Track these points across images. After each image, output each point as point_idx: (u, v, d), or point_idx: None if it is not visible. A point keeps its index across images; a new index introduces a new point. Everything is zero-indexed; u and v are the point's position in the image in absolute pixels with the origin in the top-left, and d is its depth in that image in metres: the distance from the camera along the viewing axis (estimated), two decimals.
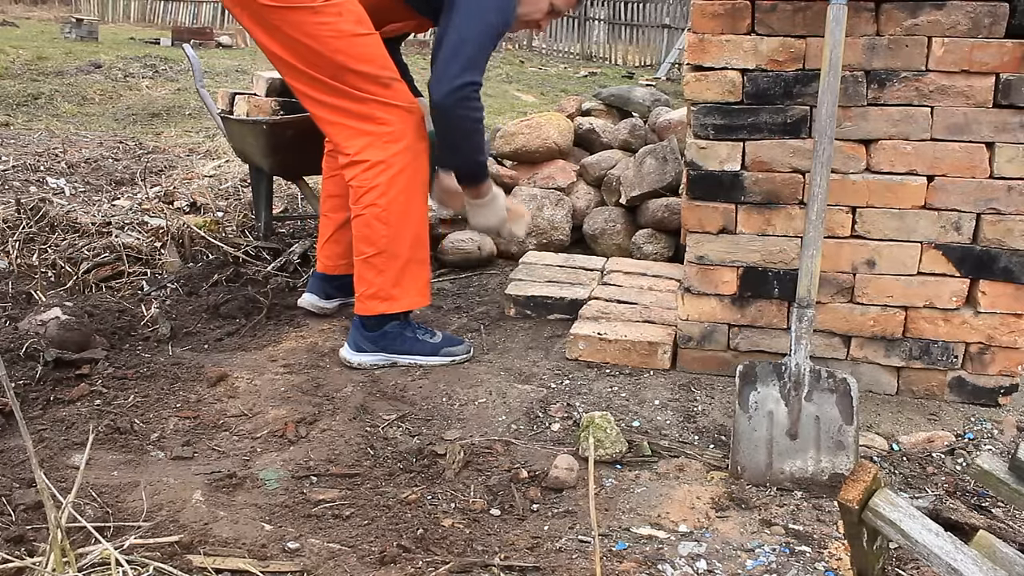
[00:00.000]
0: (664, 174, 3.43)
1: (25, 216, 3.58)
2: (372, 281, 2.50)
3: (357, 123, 2.42)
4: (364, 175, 2.43)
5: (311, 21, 2.34)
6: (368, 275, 2.50)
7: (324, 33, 2.34)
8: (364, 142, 2.42)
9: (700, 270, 2.45)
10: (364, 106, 2.40)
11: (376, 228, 2.45)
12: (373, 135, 2.41)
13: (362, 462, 2.05)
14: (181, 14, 19.38)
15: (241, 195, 4.44)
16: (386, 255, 2.47)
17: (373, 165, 2.42)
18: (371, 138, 2.41)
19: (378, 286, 2.50)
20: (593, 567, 1.64)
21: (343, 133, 2.44)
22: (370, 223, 2.45)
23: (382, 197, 2.43)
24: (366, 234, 2.47)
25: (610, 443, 2.07)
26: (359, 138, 2.42)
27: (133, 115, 7.54)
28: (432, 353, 2.56)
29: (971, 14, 2.16)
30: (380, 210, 2.43)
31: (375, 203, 2.43)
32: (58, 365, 2.41)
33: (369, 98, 2.40)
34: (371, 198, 2.43)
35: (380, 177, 2.42)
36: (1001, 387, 2.37)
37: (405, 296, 2.53)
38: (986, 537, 1.42)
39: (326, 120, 2.46)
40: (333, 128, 2.46)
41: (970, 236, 2.28)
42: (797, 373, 2.05)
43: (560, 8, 2.60)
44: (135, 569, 1.54)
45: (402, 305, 2.53)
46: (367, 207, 2.44)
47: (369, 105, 2.40)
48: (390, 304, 2.51)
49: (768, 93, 2.29)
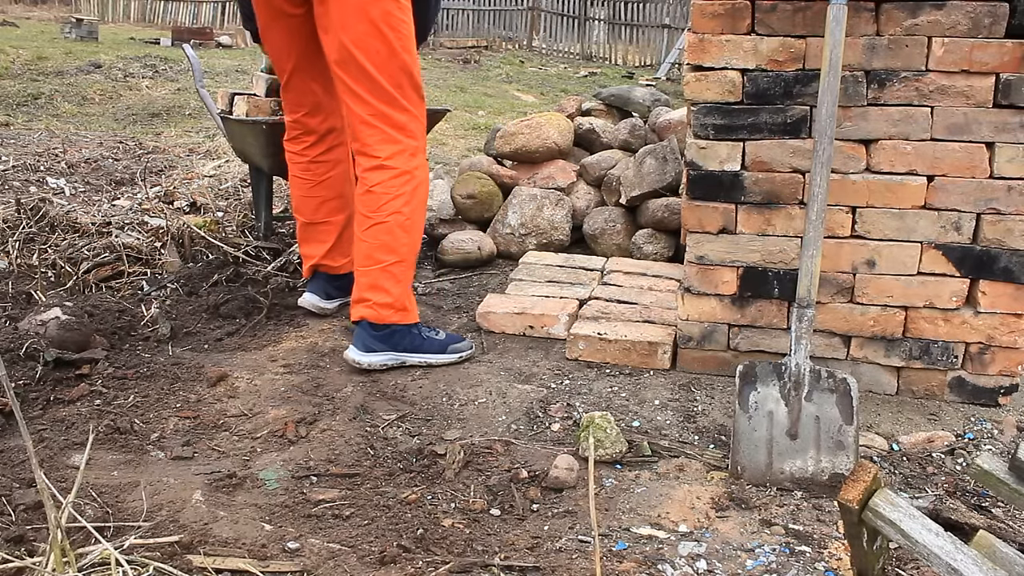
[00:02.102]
0: (664, 174, 3.43)
1: (25, 216, 3.58)
2: (390, 291, 2.51)
3: (392, 131, 2.46)
4: (392, 182, 2.46)
5: (395, 15, 2.40)
6: (387, 284, 2.50)
7: (401, 29, 2.42)
8: (395, 149, 2.46)
9: (700, 270, 2.45)
10: (402, 116, 2.47)
11: (399, 236, 2.48)
12: (403, 145, 2.48)
13: (362, 462, 2.05)
14: (181, 14, 19.38)
15: (241, 195, 4.44)
16: (405, 264, 2.51)
17: (401, 174, 2.46)
18: (401, 147, 2.47)
19: (395, 296, 2.51)
20: (593, 567, 1.64)
21: (377, 136, 2.47)
22: (393, 231, 2.47)
23: (407, 206, 2.47)
24: (387, 242, 2.48)
25: (610, 443, 2.07)
26: (391, 144, 2.46)
27: (133, 115, 7.55)
28: (441, 351, 2.57)
29: (971, 14, 2.16)
30: (405, 218, 2.47)
31: (400, 211, 2.47)
32: (58, 365, 2.41)
33: (408, 109, 2.48)
34: (397, 205, 2.46)
35: (407, 186, 2.47)
36: (1001, 387, 2.37)
37: (412, 310, 2.58)
38: (986, 537, 1.42)
39: (364, 120, 2.47)
40: (369, 130, 2.47)
41: (970, 236, 2.28)
42: (797, 373, 2.05)
43: None
44: (135, 569, 1.54)
45: (412, 317, 2.57)
46: (392, 214, 2.47)
47: (407, 115, 2.48)
48: (403, 316, 2.54)
49: (768, 93, 2.29)
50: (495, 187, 3.80)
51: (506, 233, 3.64)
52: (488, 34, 17.20)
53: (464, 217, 3.81)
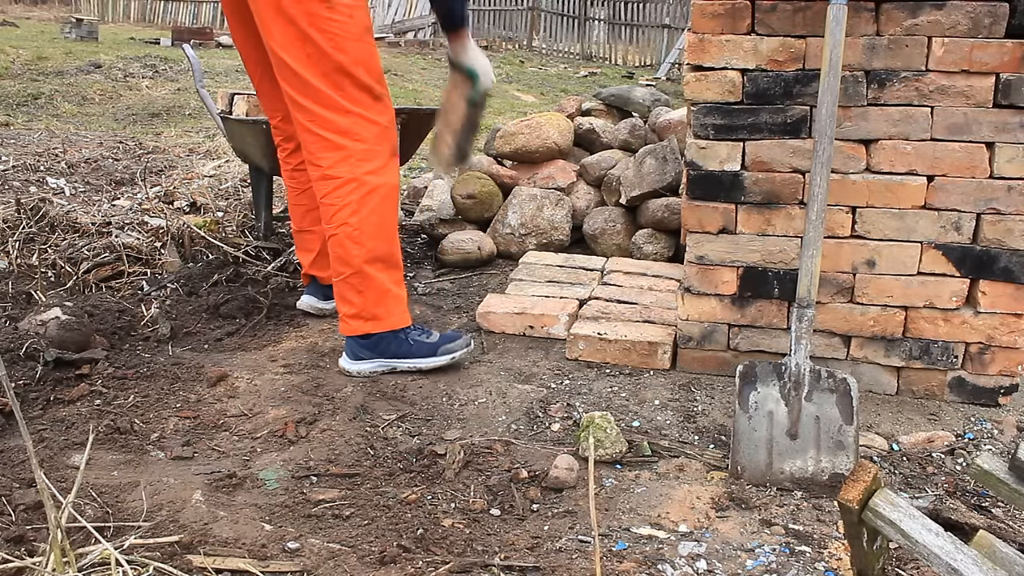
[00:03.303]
0: (664, 174, 3.43)
1: (25, 216, 3.58)
2: (353, 301, 2.46)
3: (334, 136, 2.36)
4: (336, 193, 2.38)
5: (322, 15, 2.29)
6: (348, 295, 2.46)
7: (331, 29, 2.30)
8: (337, 157, 2.36)
9: (700, 270, 2.45)
10: (345, 119, 2.35)
11: (349, 248, 2.40)
12: (347, 150, 2.36)
13: (362, 462, 2.05)
14: (181, 14, 19.38)
15: (241, 195, 4.44)
16: (361, 275, 2.43)
17: (346, 183, 2.37)
18: (344, 153, 2.36)
19: (359, 306, 2.46)
20: (593, 567, 1.64)
21: (318, 144, 2.38)
22: (343, 243, 2.41)
23: (354, 216, 2.38)
24: (340, 254, 2.42)
25: (610, 443, 2.07)
26: (333, 152, 2.37)
27: (133, 115, 7.55)
28: (431, 354, 2.52)
29: (971, 14, 2.16)
30: (352, 229, 2.39)
31: (347, 222, 2.38)
32: (58, 365, 2.41)
33: (353, 111, 2.35)
34: (343, 216, 2.38)
35: (352, 195, 2.37)
36: (1001, 387, 2.37)
37: (389, 316, 2.49)
38: (986, 537, 1.42)
39: (305, 127, 2.39)
40: (310, 137, 2.39)
41: (970, 236, 2.28)
42: (797, 373, 2.05)
43: None
44: (135, 569, 1.54)
45: (387, 324, 2.48)
46: (340, 226, 2.40)
47: (351, 118, 2.35)
48: (375, 324, 2.47)
49: (768, 93, 2.29)
50: (495, 187, 3.80)
51: (506, 233, 3.64)
52: (488, 34, 17.20)
53: (464, 217, 3.81)
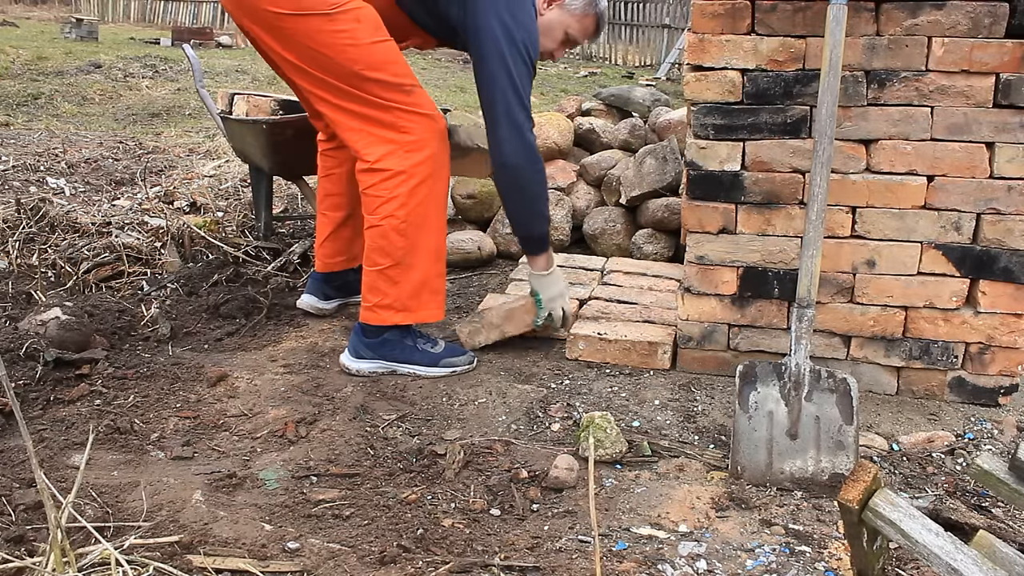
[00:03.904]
0: (664, 174, 3.43)
1: (25, 216, 3.58)
2: (387, 292, 2.43)
3: (379, 130, 2.33)
4: (383, 184, 2.35)
5: (326, 29, 2.26)
6: (382, 286, 2.43)
7: (340, 41, 2.27)
8: (385, 150, 2.34)
9: (700, 270, 2.45)
10: (388, 113, 2.33)
11: (393, 240, 2.38)
12: (395, 143, 2.34)
13: (362, 462, 2.05)
14: (181, 14, 19.37)
15: (241, 195, 4.44)
16: (402, 267, 2.41)
17: (394, 175, 2.34)
18: (393, 146, 2.34)
19: (393, 297, 2.43)
20: (593, 567, 1.64)
21: (364, 139, 2.35)
22: (387, 234, 2.37)
23: (401, 209, 2.35)
24: (381, 245, 2.39)
25: (610, 443, 2.07)
26: (380, 145, 2.34)
27: (133, 115, 7.55)
28: (432, 364, 2.50)
29: (971, 14, 2.16)
30: (399, 222, 2.36)
31: (393, 214, 2.35)
32: (58, 365, 2.41)
33: (392, 105, 2.32)
34: (390, 209, 2.35)
35: (400, 188, 2.34)
36: (1001, 387, 2.37)
37: (422, 308, 2.47)
38: (986, 537, 1.42)
39: (345, 125, 2.37)
40: (353, 134, 2.36)
41: (970, 236, 2.28)
42: (797, 373, 2.05)
43: (576, 38, 2.56)
44: (135, 569, 1.54)
45: (417, 317, 2.48)
46: (385, 218, 2.36)
47: (393, 113, 2.33)
48: (405, 315, 2.46)
49: (768, 93, 2.29)
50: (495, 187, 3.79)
51: (506, 233, 3.64)
52: None
53: (464, 217, 3.81)
